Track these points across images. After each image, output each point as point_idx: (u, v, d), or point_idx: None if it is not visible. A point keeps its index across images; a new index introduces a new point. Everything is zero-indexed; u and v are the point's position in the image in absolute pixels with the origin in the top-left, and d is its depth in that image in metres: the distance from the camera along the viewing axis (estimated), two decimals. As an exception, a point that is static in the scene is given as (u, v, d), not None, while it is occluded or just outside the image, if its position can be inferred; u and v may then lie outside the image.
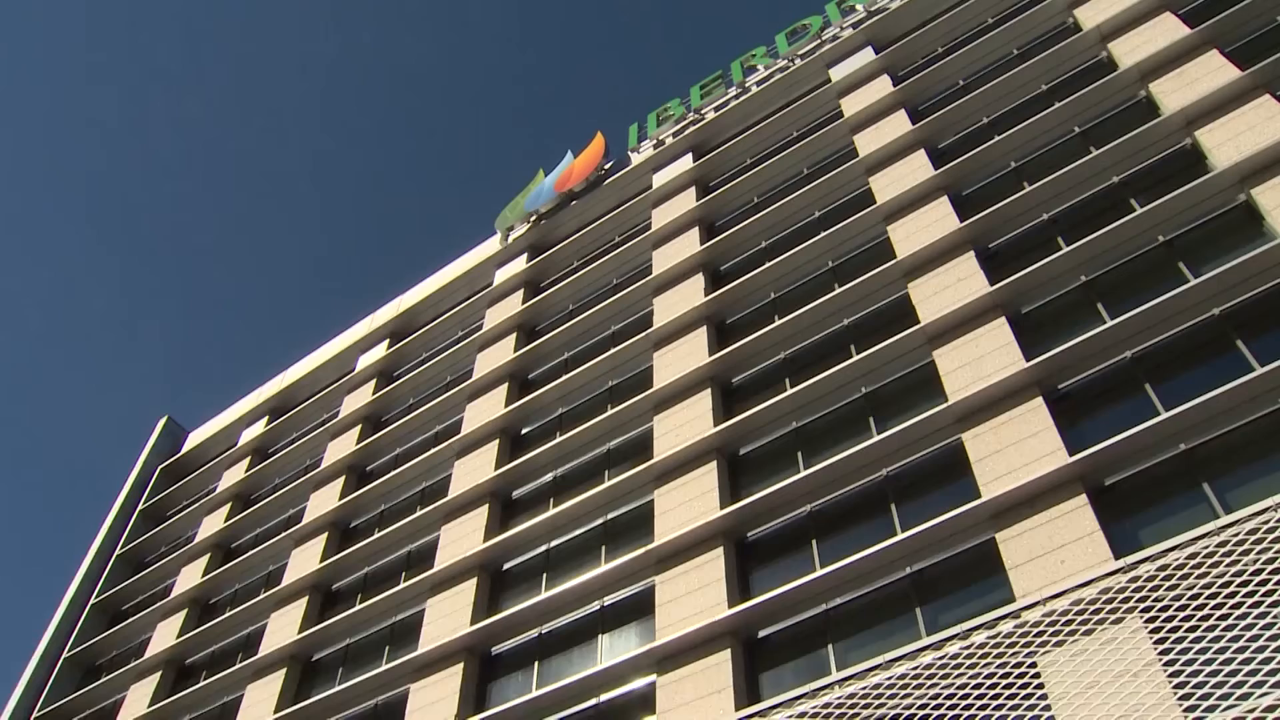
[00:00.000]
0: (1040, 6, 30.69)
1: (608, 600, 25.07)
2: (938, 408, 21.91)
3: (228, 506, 41.66)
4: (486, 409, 33.73)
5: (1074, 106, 26.75)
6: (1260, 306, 19.85)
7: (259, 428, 45.27)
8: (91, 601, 43.06)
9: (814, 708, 6.74)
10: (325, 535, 34.80)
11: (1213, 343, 19.99)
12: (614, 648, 24.05)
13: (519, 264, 39.95)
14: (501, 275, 40.14)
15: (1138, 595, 6.15)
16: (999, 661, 6.30)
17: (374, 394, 39.93)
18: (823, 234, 29.24)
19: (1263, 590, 5.77)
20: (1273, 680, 5.84)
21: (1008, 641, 6.34)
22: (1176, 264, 21.80)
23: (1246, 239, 21.09)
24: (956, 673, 6.42)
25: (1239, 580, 5.91)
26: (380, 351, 42.18)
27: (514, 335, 36.32)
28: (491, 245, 42.00)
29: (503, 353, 35.80)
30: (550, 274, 39.00)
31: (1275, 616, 5.61)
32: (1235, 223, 21.72)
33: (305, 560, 34.41)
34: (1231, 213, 21.87)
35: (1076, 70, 28.37)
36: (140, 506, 47.54)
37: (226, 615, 34.95)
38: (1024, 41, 30.89)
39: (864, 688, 6.65)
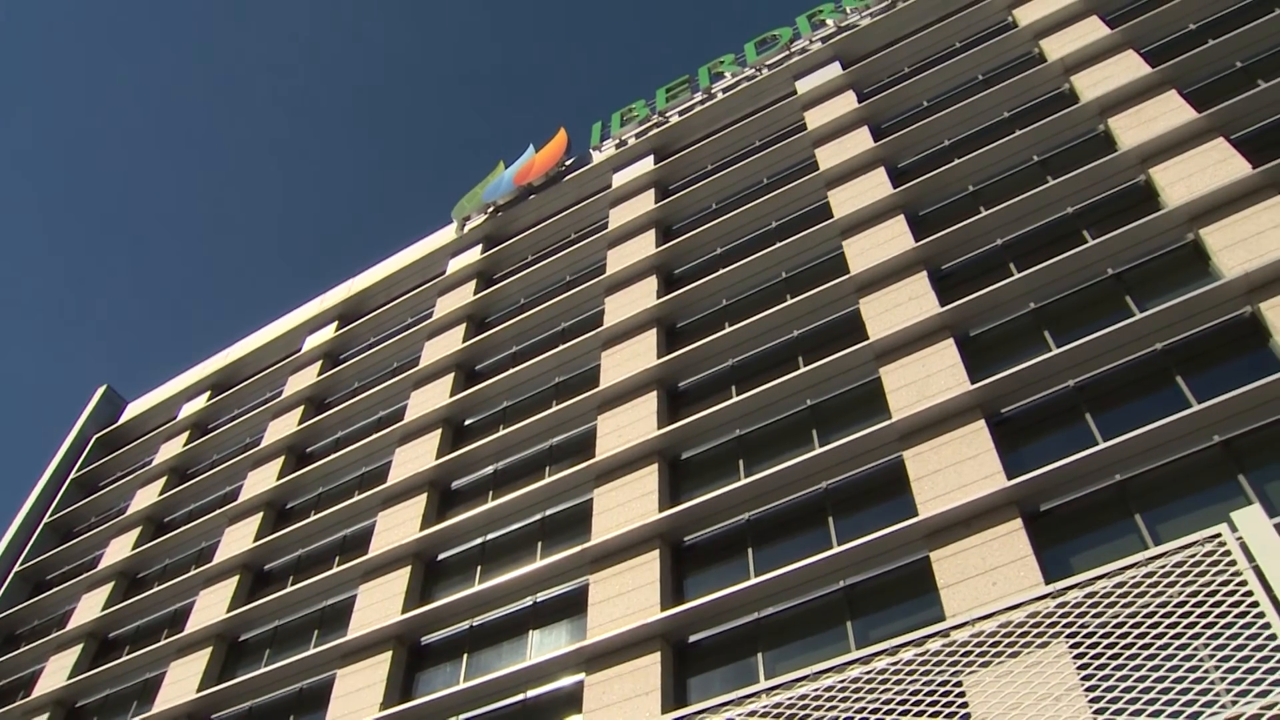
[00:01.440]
0: (1007, 35, 31.08)
1: (541, 596, 25.03)
2: (881, 424, 22.06)
3: (163, 480, 41.15)
4: (431, 397, 33.58)
5: (1034, 135, 27.07)
6: (1201, 344, 20.22)
7: (200, 402, 44.77)
8: (15, 569, 42.35)
9: (740, 715, 6.74)
10: (260, 515, 34.48)
11: (1153, 377, 20.31)
12: (544, 644, 24.02)
13: (473, 254, 39.80)
14: (455, 265, 39.97)
15: (1064, 620, 6.22)
16: (925, 679, 6.34)
17: (319, 375, 39.63)
18: (779, 244, 29.35)
19: (1185, 623, 5.85)
20: (1186, 714, 5.94)
21: (935, 660, 6.38)
22: (1123, 297, 22.13)
23: (1192, 277, 21.48)
24: (883, 688, 6.45)
25: (1162, 611, 6.00)
26: (328, 333, 41.86)
27: (463, 325, 36.17)
28: (447, 234, 41.80)
29: (451, 342, 35.65)
30: (504, 266, 38.88)
31: (1194, 649, 5.70)
32: (1182, 260, 22.08)
33: (238, 539, 34.08)
34: (1180, 250, 22.23)
35: (1038, 100, 28.70)
36: (73, 475, 46.83)
37: (154, 590, 34.50)
38: (989, 68, 31.21)
39: (791, 698, 6.67)
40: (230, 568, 32.95)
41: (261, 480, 36.13)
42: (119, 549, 38.81)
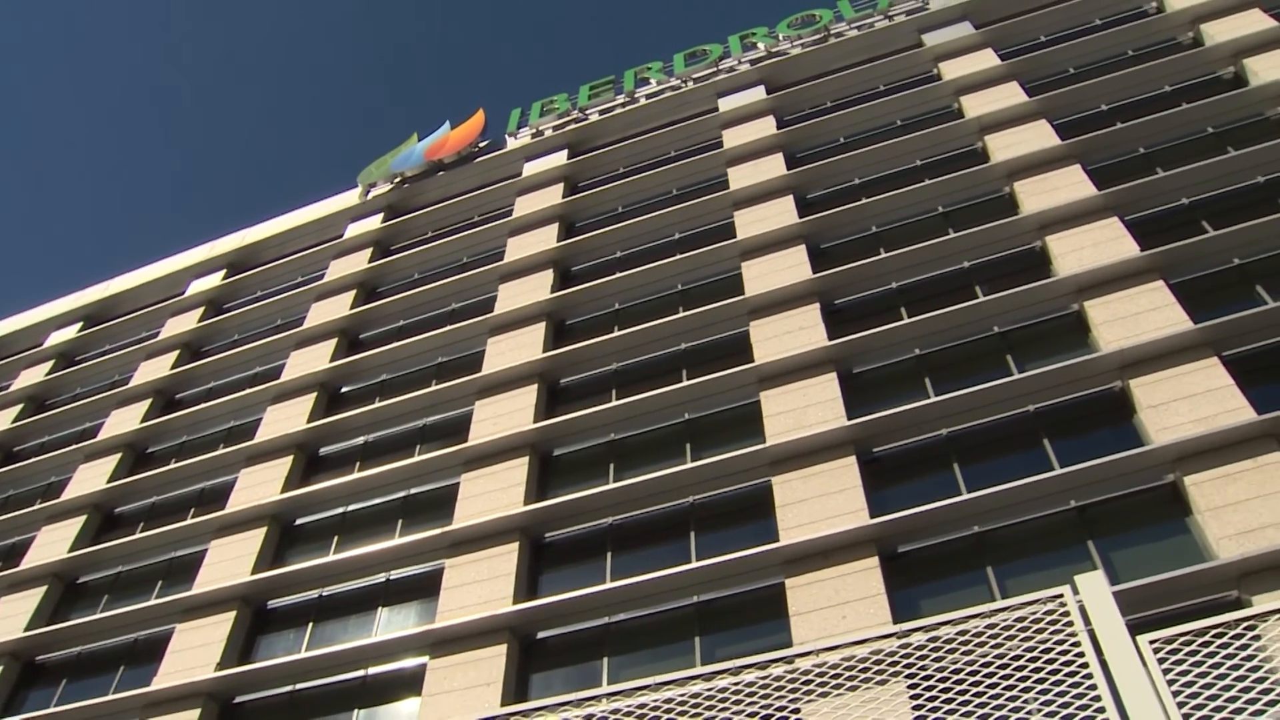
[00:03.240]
0: (930, 86, 31.78)
1: (394, 574, 24.76)
2: (755, 447, 22.28)
3: (19, 407, 39.73)
4: (310, 360, 33.02)
5: (941, 187, 27.68)
6: (1071, 411, 20.92)
7: (70, 332, 43.26)
8: None
9: (578, 716, 6.71)
10: (119, 456, 33.48)
11: (1022, 436, 20.91)
12: (392, 623, 23.76)
13: (373, 222, 39.29)
14: (354, 230, 39.41)
15: (905, 661, 6.32)
16: (764, 702, 6.40)
17: (199, 321, 38.70)
18: (679, 256, 29.54)
19: (1018, 676, 6.00)
20: (1014, 763, 6.09)
21: (776, 684, 6.44)
22: (1005, 355, 22.75)
23: (1071, 346, 22.22)
24: (722, 706, 6.48)
25: (999, 663, 6.14)
26: (215, 280, 40.88)
27: (354, 292, 35.66)
28: (349, 198, 41.19)
29: (338, 307, 35.12)
30: (402, 239, 38.43)
31: (1024, 702, 5.86)
32: (1065, 329, 22.79)
33: (91, 478, 33.05)
34: (1063, 319, 22.96)
35: (951, 154, 29.36)
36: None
37: (-7, 519, 33.31)
38: (909, 115, 31.82)
39: (630, 705, 6.66)
40: (78, 506, 31.92)
41: (124, 421, 35.12)
42: (-38, 473, 37.38)
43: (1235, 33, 28.61)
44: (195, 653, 24.47)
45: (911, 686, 6.37)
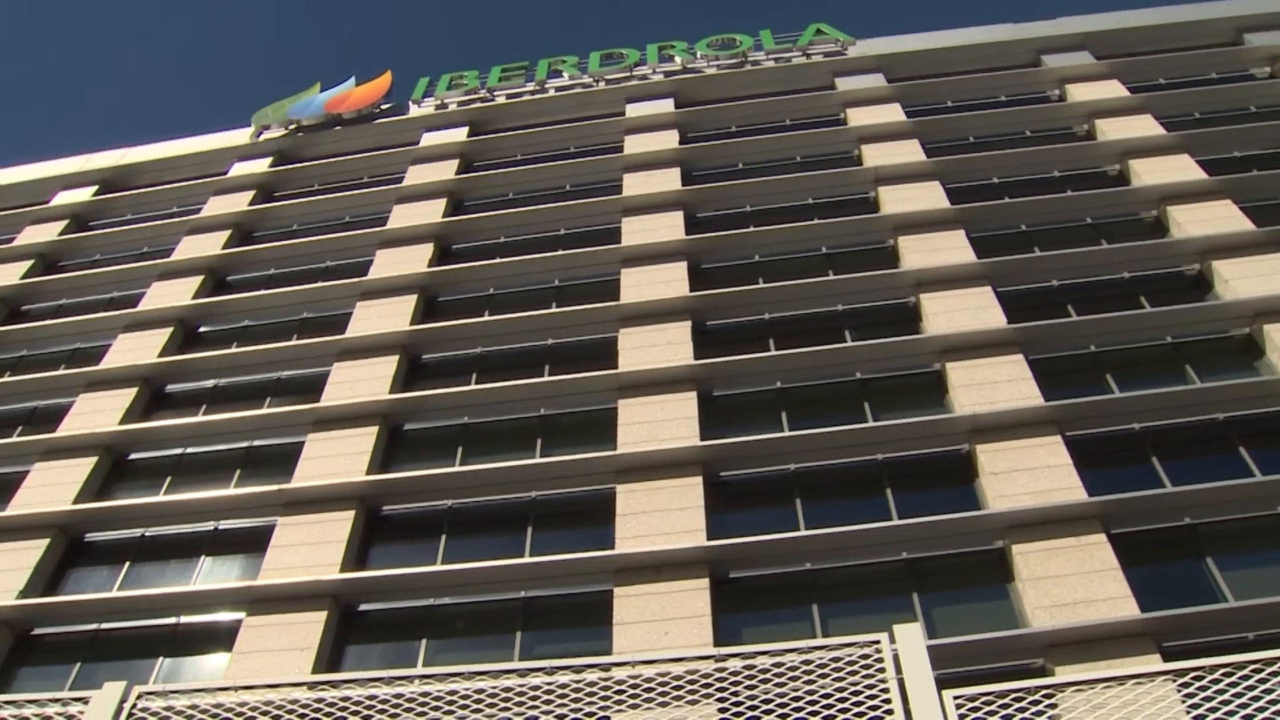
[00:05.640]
0: (834, 129, 32.50)
1: (223, 524, 24.07)
2: (604, 453, 22.30)
3: None
4: (171, 293, 32.00)
5: (830, 229, 28.20)
6: (917, 466, 21.44)
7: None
8: None
9: (387, 695, 6.58)
10: (-52, 365, 32.02)
11: (867, 483, 21.34)
12: (213, 573, 23.07)
13: (260, 165, 38.34)
14: (238, 169, 38.41)
15: (719, 685, 6.35)
16: (574, 706, 6.36)
17: (60, 234, 37.25)
18: (560, 252, 29.50)
19: (825, 713, 6.08)
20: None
21: (589, 690, 6.40)
22: (863, 402, 23.21)
23: (929, 403, 22.84)
24: (531, 704, 6.42)
25: (809, 698, 6.22)
26: (85, 194, 39.35)
27: (228, 233, 34.70)
28: (239, 137, 40.13)
29: (209, 245, 34.12)
30: (286, 187, 37.57)
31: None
32: (924, 385, 23.39)
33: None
34: (924, 376, 23.57)
35: (844, 198, 29.91)
36: None
37: None
38: (810, 153, 32.32)
39: (440, 690, 6.57)
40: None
41: (-41, 327, 33.59)
42: None
43: (1126, 133, 30.04)
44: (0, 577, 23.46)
45: (721, 710, 6.39)
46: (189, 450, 26.60)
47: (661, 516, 20.68)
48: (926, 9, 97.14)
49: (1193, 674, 5.91)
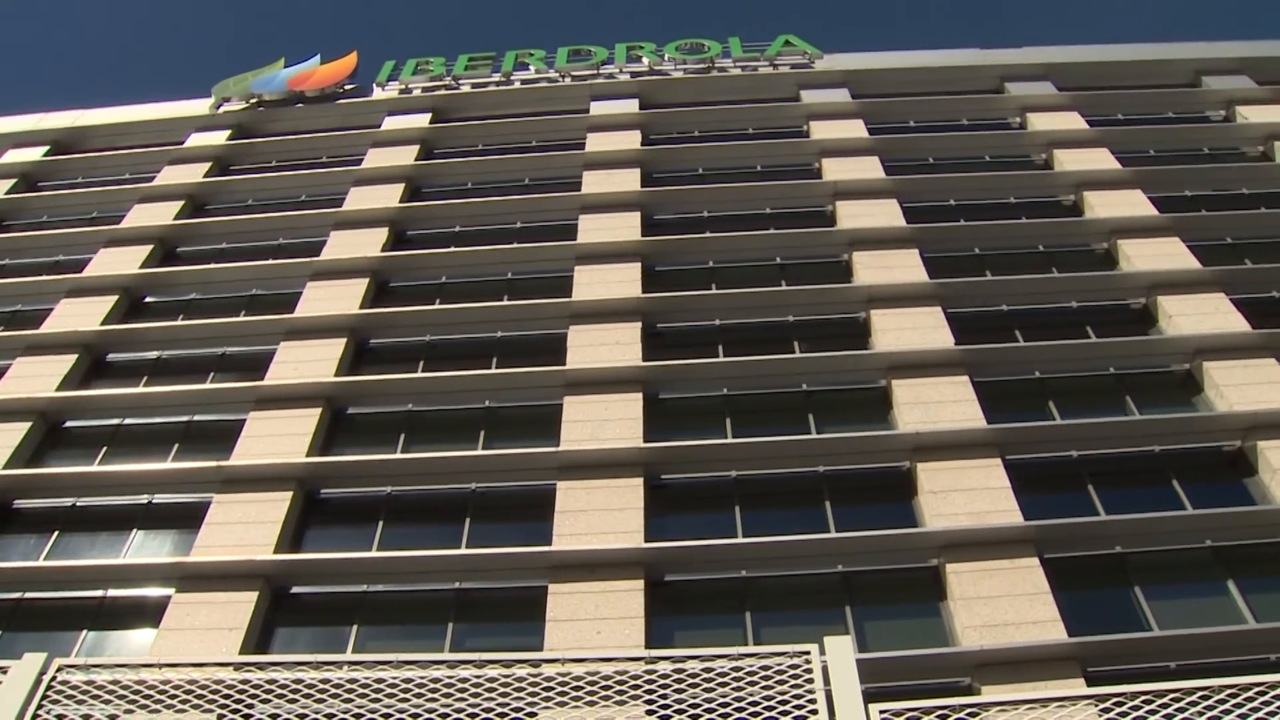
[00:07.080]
0: (796, 141, 32.71)
1: (158, 498, 23.73)
2: (546, 449, 22.24)
3: None
4: (119, 261, 31.51)
5: (785, 239, 28.34)
6: (858, 480, 21.64)
7: None
8: None
9: (314, 679, 6.54)
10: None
11: (807, 494, 21.46)
12: (145, 547, 22.73)
13: (218, 137, 37.92)
14: (196, 140, 37.95)
15: (648, 687, 6.37)
16: (502, 700, 6.35)
17: (6, 193, 36.61)
18: (515, 245, 29.43)
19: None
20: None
21: (517, 684, 6.40)
22: (807, 414, 23.33)
23: (872, 418, 23.09)
24: (459, 696, 6.41)
25: (736, 705, 6.25)
26: (35, 154, 38.71)
27: (181, 203, 34.26)
28: (198, 107, 39.65)
29: (160, 215, 33.65)
30: (243, 161, 37.18)
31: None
32: (869, 401, 23.62)
33: None
34: (869, 391, 23.78)
35: (801, 209, 30.08)
36: None
37: None
38: (771, 163, 32.50)
39: (368, 678, 6.54)
40: None
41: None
42: None
43: (1082, 165, 30.54)
44: (-81, 539, 22.99)
45: (650, 712, 6.39)
46: (127, 421, 26.19)
47: (600, 516, 20.65)
48: (896, 28, 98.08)
49: (1114, 699, 6.00)
